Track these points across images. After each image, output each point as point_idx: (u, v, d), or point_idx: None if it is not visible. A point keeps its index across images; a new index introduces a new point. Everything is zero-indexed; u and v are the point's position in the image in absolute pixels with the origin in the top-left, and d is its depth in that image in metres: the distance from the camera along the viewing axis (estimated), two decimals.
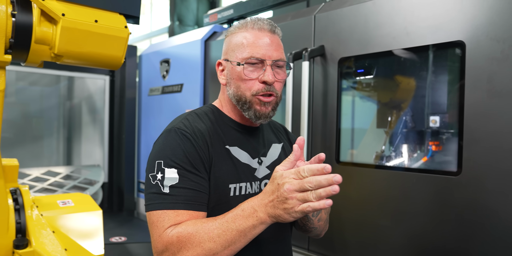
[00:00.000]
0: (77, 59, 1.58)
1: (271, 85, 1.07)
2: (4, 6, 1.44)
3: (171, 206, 0.93)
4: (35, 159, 3.89)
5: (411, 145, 2.16)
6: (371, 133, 2.36)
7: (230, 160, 1.09)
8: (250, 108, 1.08)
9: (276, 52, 1.07)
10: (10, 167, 1.85)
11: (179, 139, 1.01)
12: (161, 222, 0.92)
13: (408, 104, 2.19)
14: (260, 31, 1.08)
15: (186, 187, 0.96)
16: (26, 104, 4.15)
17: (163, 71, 3.32)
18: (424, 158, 2.09)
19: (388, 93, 2.26)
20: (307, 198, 0.79)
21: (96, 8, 1.58)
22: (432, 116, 2.02)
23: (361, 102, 2.31)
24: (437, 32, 1.73)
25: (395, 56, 1.97)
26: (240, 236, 0.85)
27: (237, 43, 1.09)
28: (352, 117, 2.34)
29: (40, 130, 4.15)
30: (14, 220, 1.76)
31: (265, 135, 1.25)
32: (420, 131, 2.14)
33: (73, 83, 4.12)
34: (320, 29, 2.21)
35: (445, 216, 1.69)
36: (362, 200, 1.99)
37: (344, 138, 2.16)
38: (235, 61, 1.07)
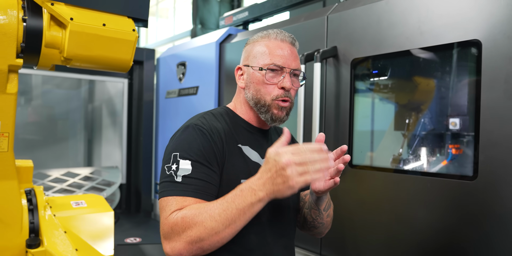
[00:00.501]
0: (86, 62, 1.61)
1: (288, 91, 1.18)
2: (15, 12, 1.48)
3: (181, 193, 1.01)
4: (57, 160, 4.00)
5: (430, 148, 2.09)
6: (388, 136, 2.30)
7: (242, 158, 1.18)
8: (267, 112, 1.19)
9: (294, 62, 1.19)
10: (25, 168, 1.89)
11: (196, 134, 1.10)
12: (169, 206, 0.99)
13: (426, 106, 2.13)
14: (282, 42, 1.19)
15: (197, 178, 1.03)
16: (51, 107, 4.28)
17: (179, 73, 3.36)
18: (444, 161, 2.02)
19: (404, 94, 2.20)
20: (306, 170, 0.85)
21: (104, 12, 1.60)
22: (452, 118, 1.95)
23: (376, 104, 2.26)
24: (452, 31, 1.67)
25: (410, 57, 1.91)
26: (239, 214, 0.90)
27: (259, 51, 1.20)
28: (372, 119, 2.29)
29: (63, 132, 4.27)
30: (28, 220, 1.80)
31: (273, 138, 1.34)
32: (439, 134, 2.07)
33: (94, 86, 4.22)
34: (332, 30, 2.17)
35: (459, 223, 1.62)
36: (375, 205, 1.94)
37: (358, 141, 2.12)
38: (257, 67, 1.18)
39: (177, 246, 0.92)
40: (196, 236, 0.91)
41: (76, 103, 4.28)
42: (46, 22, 1.51)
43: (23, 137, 3.94)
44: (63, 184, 3.15)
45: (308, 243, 2.27)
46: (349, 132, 2.06)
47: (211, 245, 0.92)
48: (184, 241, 0.92)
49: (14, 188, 1.73)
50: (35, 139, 4.03)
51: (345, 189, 2.07)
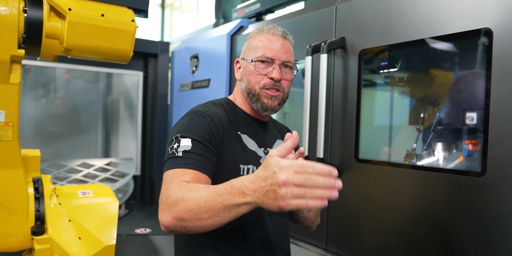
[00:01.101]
0: (85, 52, 1.63)
1: (278, 82, 1.24)
2: (16, 3, 1.51)
3: (181, 166, 1.06)
4: (76, 151, 4.11)
5: (445, 144, 2.01)
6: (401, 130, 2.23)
7: (241, 145, 1.24)
8: (258, 101, 1.25)
9: (285, 54, 1.25)
10: (32, 157, 1.94)
11: (197, 118, 1.17)
12: (169, 179, 1.03)
13: (443, 99, 2.04)
14: (273, 35, 1.27)
15: (197, 153, 1.09)
16: (72, 100, 4.39)
17: (192, 66, 3.36)
18: (460, 157, 1.94)
19: (414, 86, 2.12)
20: (303, 195, 0.76)
21: (104, 2, 1.61)
22: (469, 112, 1.87)
23: (385, 96, 2.19)
24: (462, 19, 1.59)
25: (419, 47, 1.83)
26: (224, 210, 0.86)
27: (253, 45, 1.28)
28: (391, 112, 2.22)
29: (83, 124, 4.37)
30: (34, 208, 1.85)
31: (271, 131, 1.40)
32: (455, 129, 1.99)
33: (112, 79, 4.29)
34: (341, 20, 2.11)
35: (467, 221, 1.55)
36: (381, 200, 1.89)
37: (366, 135, 2.06)
38: (250, 59, 1.26)
39: (166, 218, 0.94)
40: (180, 215, 0.91)
41: (95, 95, 4.37)
42: (46, 13, 1.54)
43: (44, 129, 4.06)
44: (78, 175, 3.23)
45: (313, 238, 2.24)
46: (356, 126, 2.00)
47: (193, 228, 0.92)
48: (171, 215, 0.93)
49: (20, 176, 1.78)
50: (56, 130, 4.15)
51: (351, 184, 2.02)
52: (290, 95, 3.16)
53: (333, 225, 2.12)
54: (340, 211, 2.08)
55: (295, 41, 2.37)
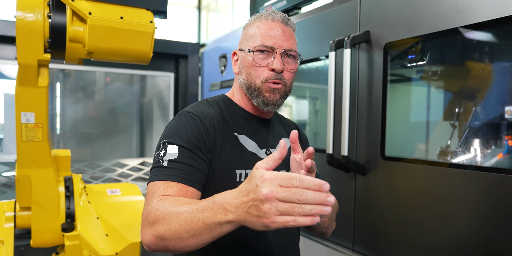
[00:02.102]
0: (107, 55, 1.67)
1: (280, 74, 1.11)
2: (41, 9, 1.57)
3: (165, 177, 0.96)
4: (113, 152, 4.26)
5: (482, 140, 1.90)
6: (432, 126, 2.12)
7: (237, 147, 1.12)
8: (258, 95, 1.12)
9: (287, 42, 1.12)
10: (63, 157, 2.02)
11: (186, 121, 1.06)
12: (152, 192, 0.95)
13: (482, 93, 1.93)
14: (273, 21, 1.13)
15: (183, 162, 0.99)
16: (109, 102, 4.56)
17: (221, 66, 3.38)
18: (499, 154, 1.83)
19: (446, 80, 2.01)
20: (290, 211, 0.66)
21: (123, 5, 1.64)
22: (508, 106, 1.75)
23: (414, 91, 2.09)
24: (491, 6, 1.48)
25: (447, 38, 1.74)
26: (205, 229, 0.77)
27: (251, 33, 1.15)
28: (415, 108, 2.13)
29: (120, 126, 4.53)
30: (65, 206, 1.93)
31: (276, 128, 1.27)
32: (493, 124, 1.87)
33: (146, 81, 4.41)
34: (365, 13, 2.04)
35: (499, 221, 1.45)
36: (409, 199, 1.81)
37: (394, 131, 1.98)
38: (247, 49, 1.13)
39: (146, 236, 0.87)
40: (161, 234, 0.83)
41: (130, 97, 4.51)
42: (68, 18, 1.59)
43: (83, 130, 4.24)
44: (113, 174, 3.34)
45: (340, 238, 2.18)
46: (382, 122, 1.93)
47: (175, 248, 0.84)
48: (151, 233, 0.85)
49: (51, 175, 1.86)
50: (95, 132, 4.32)
51: (377, 182, 1.96)
52: (321, 92, 3.12)
53: (359, 224, 2.06)
54: (366, 210, 2.02)
55: (320, 36, 2.32)
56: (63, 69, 3.80)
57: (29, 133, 1.71)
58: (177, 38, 10.83)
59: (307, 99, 3.07)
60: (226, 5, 13.62)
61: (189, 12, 14.78)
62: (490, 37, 1.64)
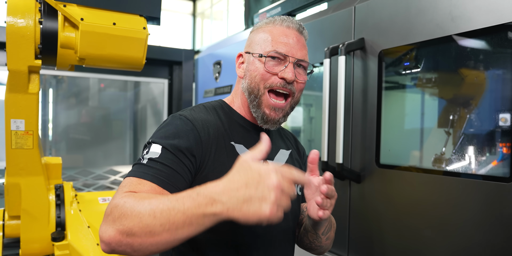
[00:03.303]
0: (99, 61, 1.65)
1: (291, 84, 1.05)
2: (32, 15, 1.55)
3: (140, 174, 0.89)
4: (105, 159, 4.22)
5: (477, 147, 1.89)
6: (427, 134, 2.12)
7: (234, 157, 1.03)
8: (259, 107, 1.05)
9: (300, 51, 1.06)
10: (54, 165, 1.99)
11: (176, 124, 1.00)
12: (122, 187, 0.87)
13: (476, 100, 1.93)
14: (288, 28, 1.07)
15: (163, 163, 0.91)
16: (101, 108, 4.52)
17: (215, 73, 3.37)
18: (494, 161, 1.82)
19: (440, 87, 2.01)
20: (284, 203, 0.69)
21: (115, 11, 1.63)
22: (502, 113, 1.75)
23: (409, 98, 2.09)
24: (485, 14, 1.49)
25: (442, 45, 1.74)
26: (184, 221, 0.71)
27: (262, 37, 1.08)
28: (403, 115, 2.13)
29: (112, 132, 4.49)
30: (55, 214, 1.89)
31: (274, 139, 1.20)
32: (488, 131, 1.87)
33: (139, 87, 4.39)
34: (360, 20, 2.04)
35: (494, 229, 1.44)
36: (404, 207, 1.79)
37: (389, 139, 1.97)
38: (257, 53, 1.05)
39: (108, 232, 0.76)
40: (129, 228, 0.74)
41: (124, 104, 4.48)
42: (60, 24, 1.57)
43: (74, 137, 4.20)
44: (105, 181, 3.30)
45: (335, 246, 2.16)
46: (377, 129, 1.92)
47: (142, 246, 0.74)
48: (116, 228, 0.75)
49: (41, 183, 1.82)
50: (86, 139, 4.28)
51: (372, 190, 1.94)
52: (316, 99, 3.11)
53: (354, 232, 2.03)
54: (361, 218, 2.00)
55: (314, 44, 2.32)
56: (56, 75, 3.77)
57: (19, 141, 1.68)
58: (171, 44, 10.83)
59: (302, 106, 3.06)
60: (221, 12, 13.69)
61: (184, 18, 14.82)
62: (484, 45, 1.64)
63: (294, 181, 0.71)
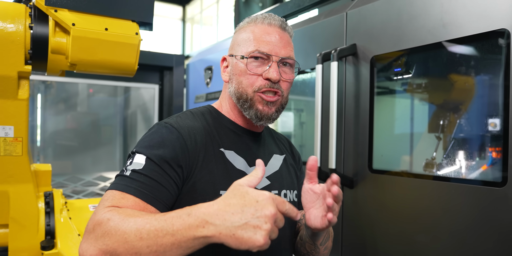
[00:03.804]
0: (90, 67, 1.63)
1: (277, 83, 1.01)
2: (22, 20, 1.53)
3: (122, 188, 0.84)
4: (95, 165, 4.17)
5: (467, 152, 1.91)
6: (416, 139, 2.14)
7: (224, 164, 1.00)
8: (251, 107, 1.01)
9: (284, 49, 1.02)
10: (44, 172, 1.95)
11: (161, 132, 0.96)
12: (104, 201, 0.83)
13: (465, 105, 1.95)
14: (269, 26, 1.03)
15: (147, 175, 0.87)
16: (91, 114, 4.48)
17: (206, 78, 3.36)
18: (483, 166, 1.84)
19: (430, 93, 2.03)
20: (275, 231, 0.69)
21: (107, 16, 1.61)
22: (491, 118, 1.77)
23: (399, 103, 2.11)
24: (476, 21, 1.51)
25: (434, 51, 1.76)
26: (173, 244, 0.68)
27: (244, 38, 1.04)
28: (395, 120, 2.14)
29: (102, 138, 4.44)
30: (44, 222, 1.85)
31: (267, 144, 1.16)
32: (477, 136, 1.89)
33: (130, 93, 4.36)
34: (352, 26, 2.06)
35: (487, 234, 1.45)
36: (397, 212, 1.79)
37: (382, 144, 1.98)
38: (240, 55, 1.02)
39: (89, 251, 0.73)
40: (113, 248, 0.70)
41: (114, 109, 4.44)
42: (51, 29, 1.55)
43: (63, 143, 4.14)
44: (95, 188, 3.26)
45: None
46: (369, 135, 1.93)
47: None
48: (99, 248, 0.72)
49: (30, 191, 1.79)
50: (75, 145, 4.22)
51: (364, 195, 1.94)
52: (307, 105, 3.11)
53: (347, 238, 2.03)
54: (354, 223, 1.99)
55: (306, 49, 2.33)
56: (44, 81, 3.72)
57: (7, 147, 1.65)
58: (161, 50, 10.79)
59: (292, 111, 3.07)
60: (210, 17, 13.70)
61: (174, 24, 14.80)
62: (474, 51, 1.67)
63: (285, 213, 0.71)
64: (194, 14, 14.60)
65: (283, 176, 1.14)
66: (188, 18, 15.00)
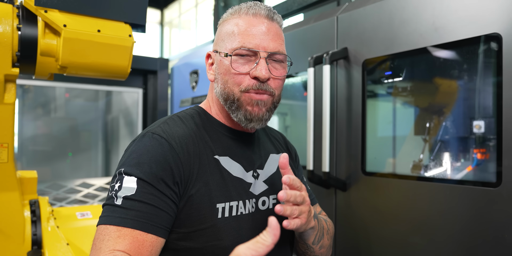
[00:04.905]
0: (82, 69, 1.58)
1: (265, 83, 0.91)
2: (10, 20, 1.47)
3: (116, 221, 0.78)
4: (76, 171, 4.05)
5: (453, 154, 1.95)
6: (407, 141, 2.16)
7: (219, 173, 0.92)
8: (239, 109, 0.92)
9: (273, 42, 0.91)
10: (29, 179, 1.88)
11: (150, 145, 0.86)
12: (99, 241, 0.77)
13: (448, 108, 1.99)
14: (254, 17, 0.92)
15: (142, 201, 0.79)
16: (70, 119, 4.35)
17: (192, 82, 3.33)
18: (468, 167, 1.88)
19: (421, 96, 2.07)
20: None
21: (100, 18, 1.57)
22: (476, 121, 1.81)
23: (390, 107, 2.13)
24: (468, 25, 1.54)
25: (425, 55, 1.79)
26: None
27: (227, 31, 0.94)
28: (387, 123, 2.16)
29: (83, 143, 4.33)
30: (31, 232, 1.78)
31: (261, 143, 1.08)
32: (462, 138, 1.93)
33: (111, 97, 4.27)
34: (343, 30, 2.07)
35: (482, 234, 1.47)
36: (391, 214, 1.81)
37: (372, 146, 1.99)
38: (224, 52, 0.92)
39: None
40: None
41: (95, 114, 4.34)
42: (40, 30, 1.50)
43: (42, 149, 4.01)
44: (78, 195, 3.16)
45: None
46: (362, 137, 1.94)
47: None
48: None
49: (16, 199, 1.71)
50: (54, 150, 4.09)
51: (358, 198, 1.95)
52: (291, 108, 3.11)
53: (341, 241, 2.03)
54: (348, 226, 2.00)
55: (296, 52, 2.33)
56: (22, 85, 3.59)
57: None
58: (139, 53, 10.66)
59: (277, 115, 3.06)
60: (189, 21, 13.63)
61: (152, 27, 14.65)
62: (467, 55, 1.70)
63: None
64: (172, 18, 14.49)
65: (280, 177, 1.11)
66: (166, 22, 14.88)
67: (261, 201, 1.00)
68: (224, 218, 0.90)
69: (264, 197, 1.01)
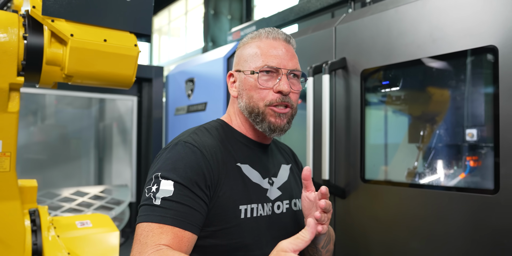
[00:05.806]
0: (87, 79, 1.58)
1: (287, 96, 1.04)
2: (16, 29, 1.47)
3: (158, 219, 0.87)
4: (69, 179, 4.00)
5: (446, 161, 1.99)
6: (402, 149, 2.21)
7: (241, 179, 1.03)
8: (263, 121, 1.04)
9: (291, 62, 1.06)
10: (29, 188, 1.86)
11: (184, 152, 0.96)
12: (144, 237, 0.86)
13: (441, 117, 2.04)
14: (274, 40, 1.06)
15: (179, 202, 0.89)
16: (63, 126, 4.31)
17: (188, 90, 3.34)
18: (461, 174, 1.92)
19: (417, 105, 2.12)
20: None
21: (106, 27, 1.58)
22: (469, 129, 1.86)
23: (387, 116, 2.18)
24: (465, 37, 1.60)
25: (422, 66, 1.84)
26: None
27: (250, 53, 1.06)
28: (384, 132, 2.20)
29: (75, 151, 4.28)
30: (31, 241, 1.76)
31: (274, 154, 1.19)
32: (456, 146, 1.98)
33: (105, 105, 4.25)
34: (341, 40, 2.12)
35: (481, 241, 1.51)
36: (390, 221, 1.84)
37: (371, 154, 2.03)
38: (249, 71, 1.05)
39: None
40: None
41: (88, 122, 4.31)
42: (46, 39, 1.50)
43: (34, 157, 3.96)
44: (72, 204, 3.13)
45: None
46: (361, 146, 1.98)
47: None
48: None
49: (17, 208, 1.69)
50: (46, 158, 4.05)
51: (357, 205, 1.98)
52: None
53: (341, 248, 2.05)
54: (347, 233, 2.02)
55: None
56: None
57: None
58: None
59: None
60: (178, 29, 13.65)
61: None
62: (463, 66, 1.76)
63: None
64: (161, 25, 14.49)
65: (291, 186, 1.18)
66: (155, 29, 14.86)
67: (276, 206, 1.10)
68: (246, 218, 1.01)
69: (278, 202, 1.11)
